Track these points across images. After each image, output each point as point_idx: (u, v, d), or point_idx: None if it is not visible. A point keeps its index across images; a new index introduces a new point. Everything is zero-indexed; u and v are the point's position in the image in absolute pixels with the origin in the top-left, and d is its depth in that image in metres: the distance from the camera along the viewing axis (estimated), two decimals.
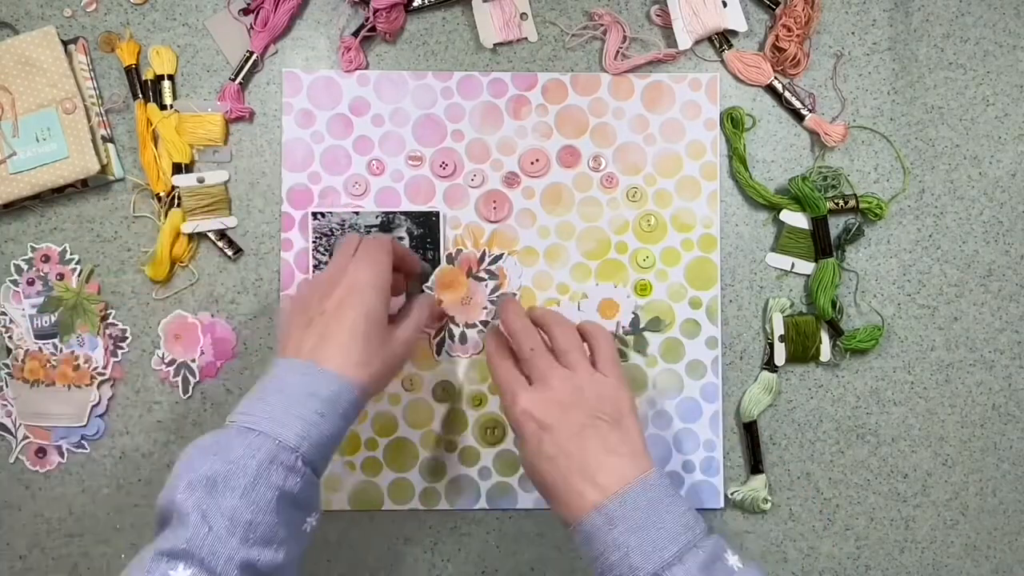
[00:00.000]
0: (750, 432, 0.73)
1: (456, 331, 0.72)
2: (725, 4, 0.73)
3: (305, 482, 0.52)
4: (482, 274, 0.73)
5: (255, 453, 0.50)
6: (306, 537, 0.54)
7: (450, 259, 0.73)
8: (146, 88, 0.72)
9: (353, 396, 0.55)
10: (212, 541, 0.47)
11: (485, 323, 0.72)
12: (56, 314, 0.71)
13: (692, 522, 0.53)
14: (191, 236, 0.72)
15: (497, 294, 0.73)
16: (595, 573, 0.54)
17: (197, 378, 0.72)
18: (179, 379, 0.72)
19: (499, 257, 0.73)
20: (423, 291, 0.72)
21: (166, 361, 0.72)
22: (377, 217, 0.72)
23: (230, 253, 0.72)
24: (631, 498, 0.53)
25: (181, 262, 0.72)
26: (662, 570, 0.51)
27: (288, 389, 0.53)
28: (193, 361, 0.72)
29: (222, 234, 0.72)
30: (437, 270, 0.72)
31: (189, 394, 0.72)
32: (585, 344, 0.62)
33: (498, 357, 0.62)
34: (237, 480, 0.49)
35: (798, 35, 0.73)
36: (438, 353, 0.72)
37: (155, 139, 0.72)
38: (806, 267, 0.74)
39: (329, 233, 0.72)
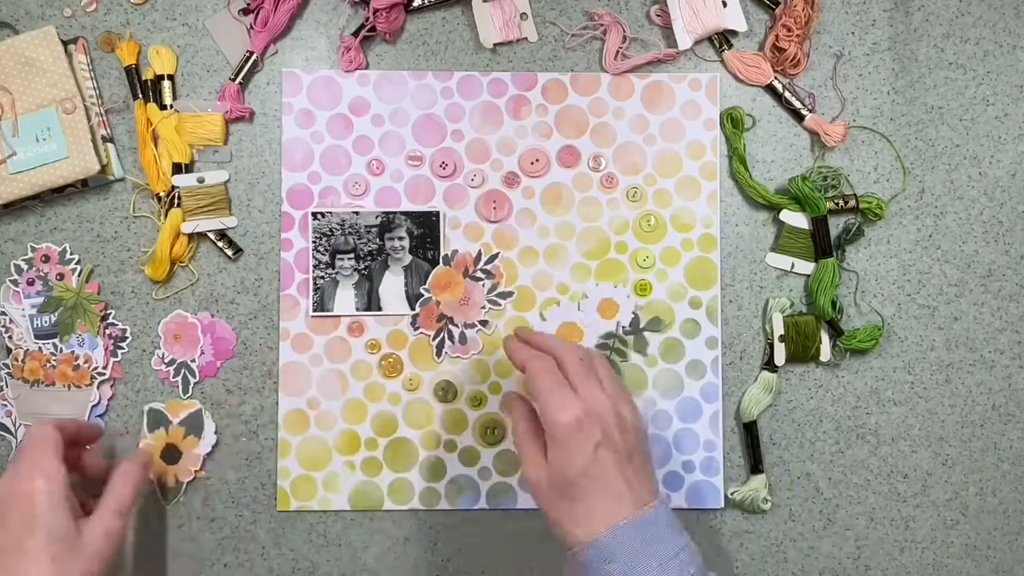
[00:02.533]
0: (750, 432, 0.73)
1: (455, 332, 0.72)
2: (725, 4, 0.73)
3: None
4: (478, 274, 0.73)
5: None
6: None
7: (446, 260, 0.73)
8: (146, 88, 0.72)
9: None
10: None
11: (484, 323, 0.72)
12: (56, 314, 0.71)
13: (687, 560, 0.53)
14: (191, 236, 0.72)
15: (495, 293, 0.73)
16: None
17: (197, 378, 0.72)
18: (179, 379, 0.72)
19: (495, 256, 0.73)
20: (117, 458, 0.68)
21: (166, 361, 0.72)
22: (377, 217, 0.72)
23: (230, 253, 0.72)
24: (626, 534, 0.53)
25: (181, 262, 0.72)
26: None
27: None
28: (193, 361, 0.72)
29: (222, 234, 0.72)
30: (434, 272, 0.72)
31: (189, 394, 0.72)
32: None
33: (537, 361, 0.58)
34: None
35: (798, 35, 0.73)
36: (438, 355, 0.72)
37: (155, 139, 0.72)
38: (806, 267, 0.74)
39: (329, 233, 0.72)
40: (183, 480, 0.71)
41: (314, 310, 0.72)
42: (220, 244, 0.72)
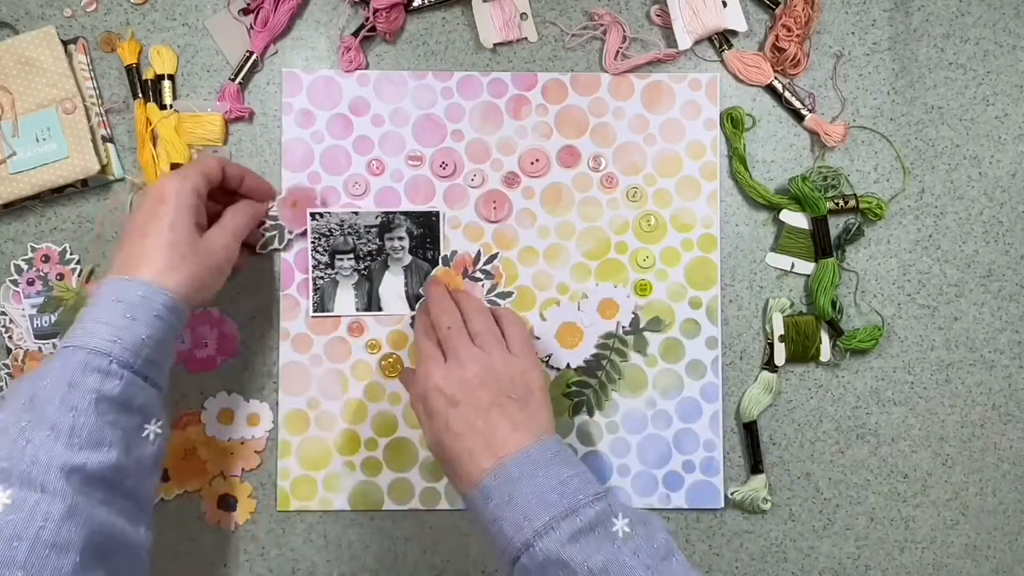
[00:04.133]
0: (750, 432, 0.73)
1: None
2: (725, 4, 0.73)
3: (126, 384, 0.53)
4: (478, 274, 0.73)
5: (67, 364, 0.52)
6: (149, 444, 0.55)
7: (445, 261, 0.73)
8: (146, 88, 0.72)
9: (164, 298, 0.56)
10: (32, 451, 0.48)
11: None
12: (56, 314, 0.71)
13: (577, 487, 0.53)
14: None
15: (495, 294, 0.73)
16: (488, 545, 0.56)
17: (283, 244, 0.72)
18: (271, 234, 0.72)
19: (494, 256, 0.73)
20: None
21: (269, 216, 0.71)
22: (377, 217, 0.72)
23: None
24: (506, 470, 0.54)
25: None
26: (532, 540, 0.51)
27: (98, 303, 0.55)
28: (291, 232, 0.71)
29: None
30: (432, 273, 0.72)
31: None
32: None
33: (422, 334, 0.64)
34: (54, 392, 0.51)
35: (798, 35, 0.73)
36: None
37: (154, 139, 0.72)
38: (806, 267, 0.74)
39: (328, 233, 0.72)
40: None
41: (314, 310, 0.72)
42: None
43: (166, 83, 0.72)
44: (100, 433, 0.51)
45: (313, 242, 0.72)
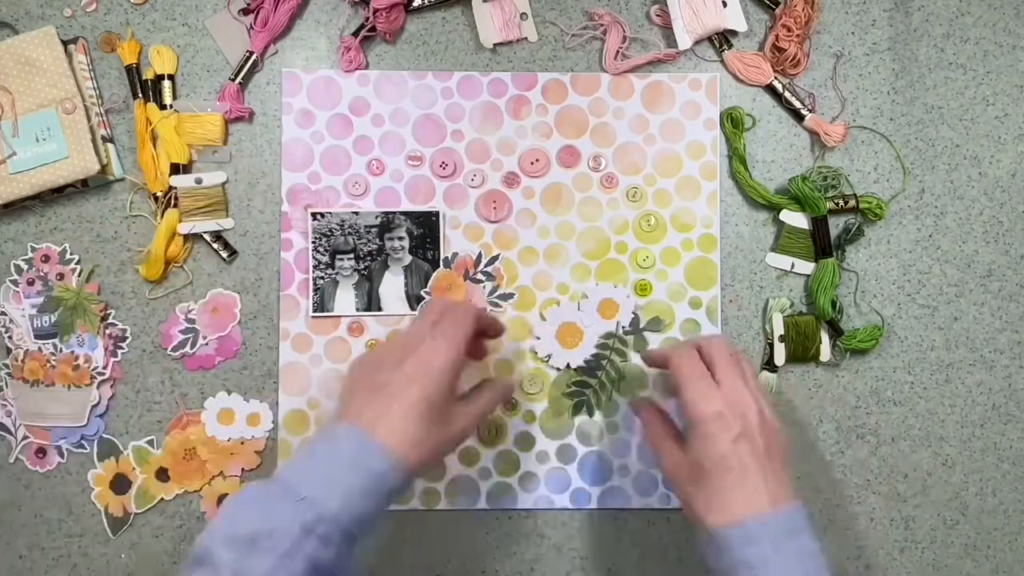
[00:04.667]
0: None
1: None
2: (725, 4, 0.73)
3: (338, 554, 0.51)
4: (479, 276, 0.73)
5: (297, 519, 0.50)
6: None
7: (446, 263, 0.73)
8: (146, 88, 0.72)
9: (401, 475, 0.54)
10: None
11: None
12: (56, 314, 0.71)
13: (821, 564, 0.54)
14: (187, 237, 0.72)
15: (496, 295, 0.73)
16: None
17: (194, 349, 0.71)
18: (186, 337, 0.72)
19: (495, 258, 0.73)
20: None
21: (187, 318, 0.72)
22: (377, 217, 0.72)
23: (225, 255, 0.72)
24: (773, 522, 0.54)
25: (177, 262, 0.72)
26: None
27: (340, 457, 0.53)
28: (204, 338, 0.72)
29: (218, 236, 0.72)
30: (434, 275, 0.72)
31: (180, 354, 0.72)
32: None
33: (684, 355, 0.60)
34: (276, 543, 0.49)
35: (798, 35, 0.73)
36: None
37: (153, 139, 0.72)
38: (806, 267, 0.74)
39: (328, 233, 0.72)
40: (131, 511, 0.71)
41: (314, 310, 0.72)
42: (215, 246, 0.72)
43: (166, 83, 0.72)
44: None
45: (313, 242, 0.72)
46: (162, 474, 0.71)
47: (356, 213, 0.72)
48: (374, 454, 0.53)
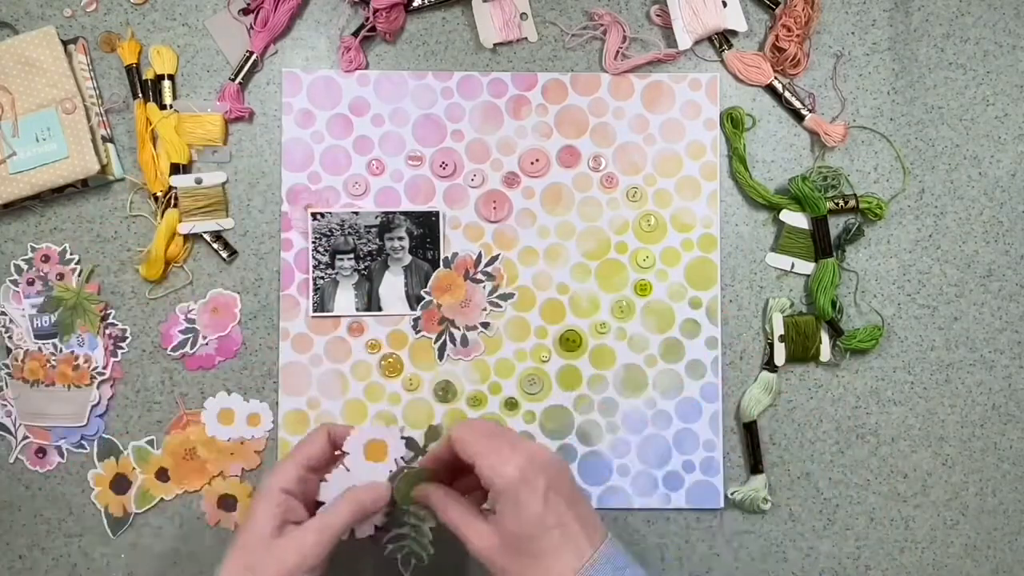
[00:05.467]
0: (750, 432, 0.73)
1: (457, 334, 0.72)
2: (725, 4, 0.73)
3: None
4: (479, 276, 0.73)
5: None
6: None
7: (447, 263, 0.73)
8: (146, 88, 0.72)
9: None
10: None
11: (485, 324, 0.72)
12: (56, 314, 0.71)
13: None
14: (187, 237, 0.72)
15: (496, 295, 0.73)
16: None
17: (195, 349, 0.72)
18: (185, 337, 0.72)
19: (495, 258, 0.73)
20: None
21: (187, 318, 0.72)
22: (376, 217, 0.72)
23: (225, 255, 0.72)
24: (600, 568, 0.53)
25: (177, 262, 0.72)
26: None
27: None
28: (204, 338, 0.72)
29: (218, 236, 0.72)
30: (434, 274, 0.72)
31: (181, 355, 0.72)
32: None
33: (468, 430, 0.57)
34: None
35: (798, 35, 0.73)
36: (440, 357, 0.72)
37: (153, 139, 0.72)
38: (806, 267, 0.74)
39: (329, 233, 0.72)
40: (131, 511, 0.71)
41: (314, 310, 0.72)
42: (215, 246, 0.72)
43: (166, 83, 0.72)
44: None
45: (313, 242, 0.72)
46: (162, 474, 0.71)
47: (356, 213, 0.72)
48: None
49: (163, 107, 0.72)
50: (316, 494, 0.58)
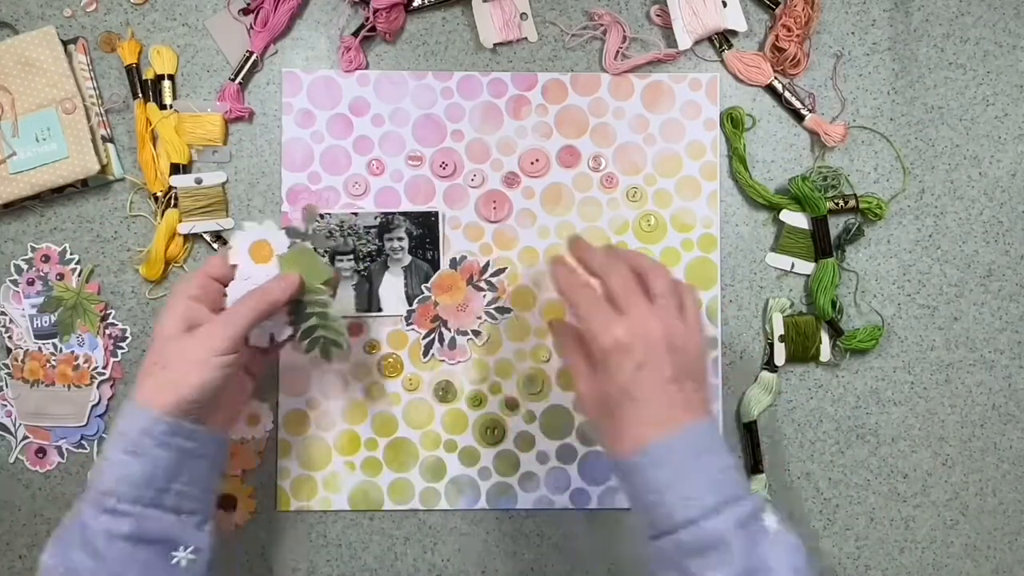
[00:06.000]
0: (750, 432, 0.73)
1: (447, 335, 0.72)
2: (725, 4, 0.73)
3: (137, 519, 0.53)
4: (482, 284, 0.73)
5: (81, 506, 0.54)
6: (181, 570, 0.56)
7: (453, 264, 0.72)
8: (146, 88, 0.72)
9: (162, 426, 0.54)
10: None
11: (476, 333, 0.72)
12: (56, 314, 0.71)
13: (735, 478, 0.53)
14: (187, 237, 0.72)
15: (494, 307, 0.73)
16: (634, 508, 0.55)
17: None
18: None
19: (502, 270, 0.73)
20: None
21: None
22: (376, 218, 0.72)
23: None
24: (679, 441, 0.53)
25: (177, 262, 0.72)
26: (699, 518, 0.51)
27: (112, 433, 0.55)
28: None
29: (218, 236, 0.72)
30: (438, 272, 0.72)
31: None
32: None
33: (574, 289, 0.58)
34: (73, 536, 0.53)
35: (798, 35, 0.73)
36: (425, 354, 0.72)
37: (153, 139, 0.72)
38: (806, 267, 0.74)
39: (329, 234, 0.72)
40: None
41: None
42: (215, 246, 0.72)
43: (166, 83, 0.72)
44: (119, 569, 0.53)
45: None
46: None
47: (355, 214, 0.72)
48: (130, 417, 0.55)
49: (163, 107, 0.72)
50: (222, 304, 0.60)
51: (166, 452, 0.54)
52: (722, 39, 0.74)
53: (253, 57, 0.72)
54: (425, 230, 0.72)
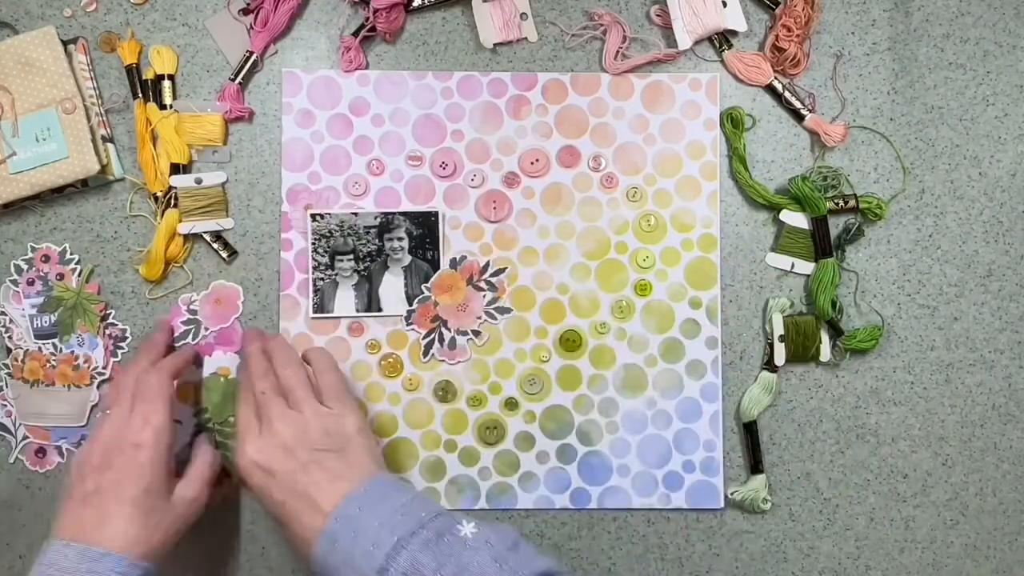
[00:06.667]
0: (750, 432, 0.73)
1: (447, 335, 0.72)
2: (725, 4, 0.73)
3: None
4: (482, 284, 0.73)
5: None
6: None
7: (453, 263, 0.72)
8: (146, 88, 0.72)
9: (136, 571, 0.55)
10: None
11: (476, 332, 0.72)
12: (56, 314, 0.71)
13: (417, 507, 0.54)
14: (187, 237, 0.72)
15: (494, 307, 0.73)
16: None
17: (197, 339, 0.71)
18: (188, 329, 0.72)
19: (502, 270, 0.73)
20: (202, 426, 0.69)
21: (189, 309, 0.72)
22: (376, 218, 0.72)
23: (225, 255, 0.72)
24: (344, 510, 0.54)
25: (177, 262, 0.72)
26: (386, 563, 0.51)
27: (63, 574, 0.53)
28: (207, 329, 0.72)
29: (218, 236, 0.72)
30: (437, 273, 0.72)
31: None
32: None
33: (243, 401, 0.63)
34: None
35: (798, 35, 0.73)
36: (425, 354, 0.72)
37: (153, 139, 0.72)
38: (806, 267, 0.74)
39: (328, 234, 0.72)
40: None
41: (314, 311, 0.72)
42: (215, 246, 0.72)
43: (166, 83, 0.72)
44: None
45: (313, 243, 0.72)
46: None
47: (355, 214, 0.72)
48: (99, 561, 0.53)
49: (163, 107, 0.72)
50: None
51: None
52: (722, 39, 0.74)
53: (253, 57, 0.72)
54: (425, 230, 0.72)
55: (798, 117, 0.74)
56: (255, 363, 0.64)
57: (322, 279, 0.72)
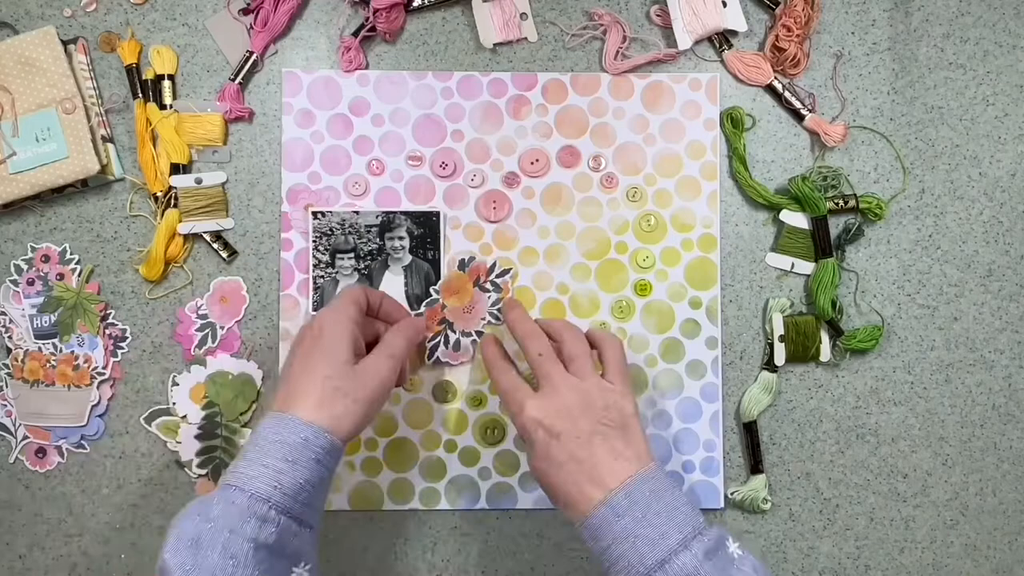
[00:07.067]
0: (750, 432, 0.73)
1: (452, 337, 0.72)
2: (725, 4, 0.73)
3: (282, 531, 0.52)
4: (487, 285, 0.73)
5: (230, 509, 0.52)
6: None
7: (461, 265, 0.72)
8: (146, 88, 0.72)
9: (324, 440, 0.55)
10: None
11: (480, 333, 0.72)
12: (56, 314, 0.71)
13: (693, 512, 0.55)
14: (187, 237, 0.72)
15: (498, 307, 0.73)
16: (603, 566, 0.55)
17: (216, 343, 0.72)
18: (204, 334, 0.72)
19: (507, 271, 0.73)
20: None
21: (199, 313, 0.72)
22: (377, 217, 0.72)
23: (225, 255, 0.72)
24: (635, 491, 0.55)
25: (177, 262, 0.72)
26: (668, 557, 0.52)
27: (260, 441, 0.55)
28: (222, 328, 0.72)
29: (218, 236, 0.72)
30: (447, 275, 0.72)
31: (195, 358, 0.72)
32: (593, 351, 0.63)
33: (499, 364, 0.64)
34: (216, 537, 0.51)
35: (798, 35, 0.73)
36: (429, 357, 0.72)
37: (153, 139, 0.72)
38: (806, 267, 0.74)
39: (329, 232, 0.72)
40: None
41: (314, 310, 0.72)
42: (215, 246, 0.72)
43: (166, 83, 0.72)
44: None
45: (314, 241, 0.72)
46: None
47: (356, 212, 0.72)
48: (290, 427, 0.55)
49: (163, 107, 0.72)
50: (372, 333, 0.65)
51: (319, 468, 0.55)
52: (722, 39, 0.74)
53: (253, 57, 0.72)
54: (426, 230, 0.72)
55: (798, 117, 0.74)
56: (526, 324, 0.64)
57: (322, 277, 0.72)
